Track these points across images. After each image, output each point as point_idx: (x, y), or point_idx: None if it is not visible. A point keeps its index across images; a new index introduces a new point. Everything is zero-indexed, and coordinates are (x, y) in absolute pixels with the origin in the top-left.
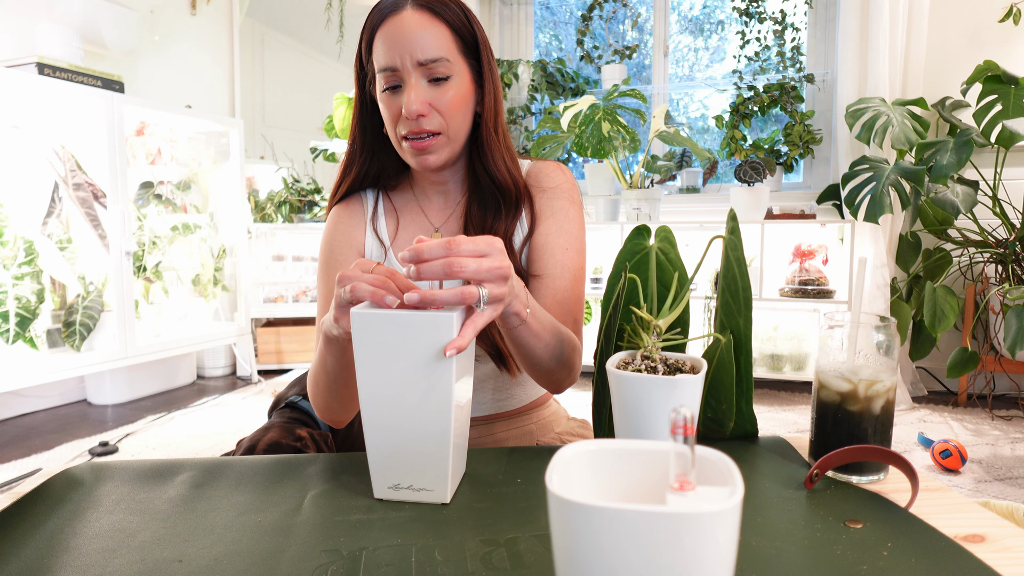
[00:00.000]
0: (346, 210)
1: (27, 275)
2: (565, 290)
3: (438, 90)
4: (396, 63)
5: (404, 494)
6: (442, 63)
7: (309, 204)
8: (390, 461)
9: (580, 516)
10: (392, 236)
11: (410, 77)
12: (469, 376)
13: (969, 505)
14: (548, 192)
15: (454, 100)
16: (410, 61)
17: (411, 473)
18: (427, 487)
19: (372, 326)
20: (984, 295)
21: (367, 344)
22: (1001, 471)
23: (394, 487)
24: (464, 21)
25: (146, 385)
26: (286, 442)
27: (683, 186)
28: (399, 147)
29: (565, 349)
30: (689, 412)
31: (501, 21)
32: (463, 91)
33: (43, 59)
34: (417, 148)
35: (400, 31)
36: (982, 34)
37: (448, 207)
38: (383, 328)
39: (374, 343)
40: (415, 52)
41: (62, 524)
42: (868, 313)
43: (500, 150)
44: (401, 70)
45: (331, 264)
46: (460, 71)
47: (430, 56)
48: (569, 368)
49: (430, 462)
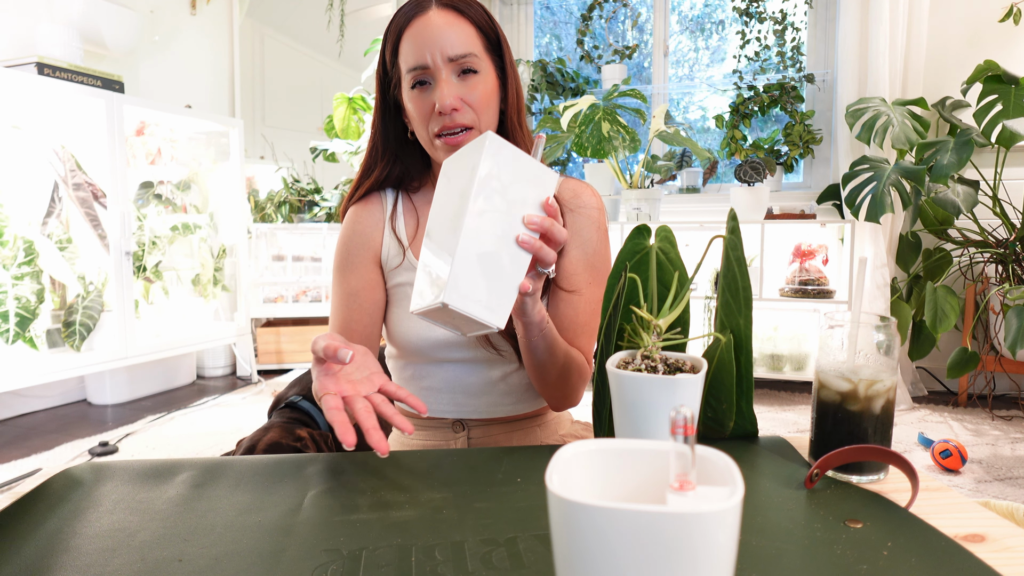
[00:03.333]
0: (364, 210)
1: (27, 275)
2: (585, 324)
3: (468, 85)
4: (427, 60)
5: (472, 306)
6: (470, 58)
7: (309, 204)
8: (473, 273)
9: (580, 516)
10: (411, 236)
11: (441, 73)
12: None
13: (969, 505)
14: (576, 213)
15: (484, 94)
16: (440, 58)
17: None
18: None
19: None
20: (984, 295)
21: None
22: (1001, 471)
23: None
24: (487, 19)
25: (146, 385)
26: (286, 442)
27: (683, 186)
28: (430, 146)
29: (572, 372)
30: (689, 412)
31: (501, 21)
32: (490, 86)
33: (43, 59)
34: (451, 143)
35: (428, 29)
36: (982, 34)
37: None
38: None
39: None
40: (445, 48)
41: (62, 524)
42: (868, 313)
43: (525, 145)
44: (432, 67)
45: (347, 265)
46: (486, 67)
47: (459, 51)
48: (572, 389)
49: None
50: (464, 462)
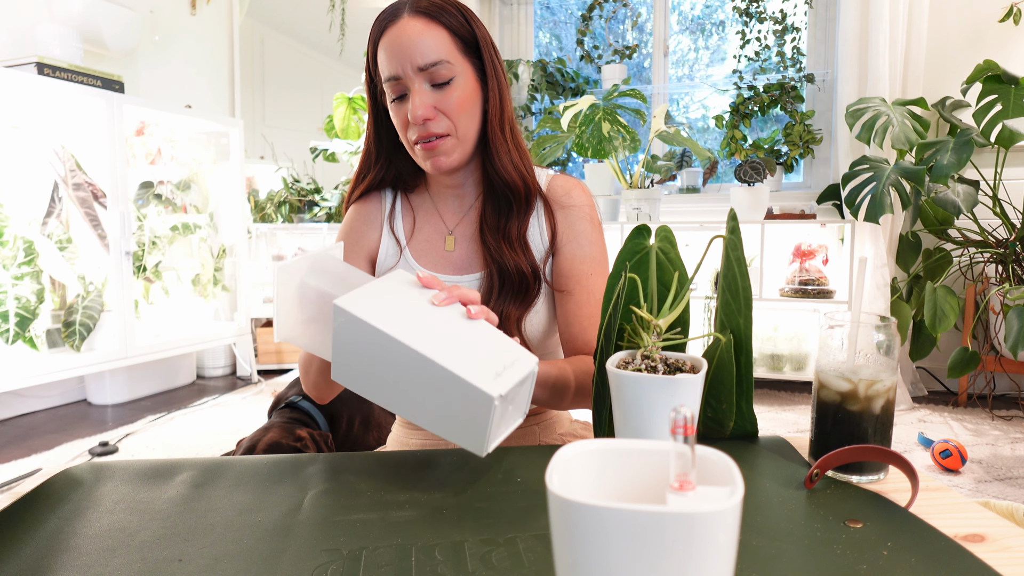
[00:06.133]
0: (363, 209)
1: (27, 275)
2: (591, 316)
3: (442, 93)
4: (398, 71)
5: (508, 374)
6: (443, 65)
7: (309, 204)
8: (473, 362)
9: (580, 516)
10: (408, 235)
11: (413, 83)
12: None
13: (969, 505)
14: (569, 211)
15: (459, 101)
16: (411, 68)
17: (500, 358)
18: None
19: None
20: (984, 295)
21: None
22: (1001, 471)
23: (496, 374)
24: (462, 21)
25: (146, 385)
26: (286, 442)
27: (683, 186)
28: (413, 152)
29: (585, 389)
30: (689, 412)
31: (501, 21)
32: (467, 91)
33: (43, 59)
34: (427, 149)
35: (399, 40)
36: (982, 34)
37: (462, 209)
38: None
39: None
40: (415, 58)
41: (62, 524)
42: (868, 313)
43: (507, 147)
44: (404, 78)
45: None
46: (463, 71)
47: (429, 60)
48: (570, 405)
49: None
50: (464, 462)
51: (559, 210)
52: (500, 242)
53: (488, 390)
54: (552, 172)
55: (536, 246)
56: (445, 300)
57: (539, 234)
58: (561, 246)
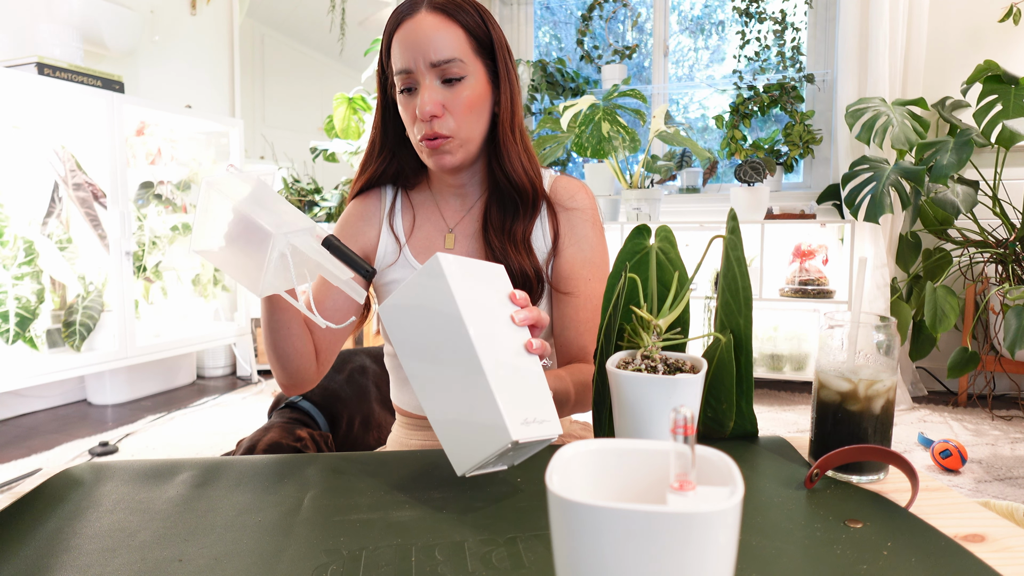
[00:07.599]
0: (361, 207)
1: (27, 275)
2: (587, 321)
3: (451, 91)
4: (411, 65)
5: (533, 429)
6: (455, 63)
7: (309, 204)
8: (513, 396)
9: (580, 516)
10: (408, 233)
11: (424, 78)
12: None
13: (969, 505)
14: (571, 213)
15: (468, 100)
16: (423, 63)
17: (530, 406)
18: (544, 418)
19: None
20: (984, 295)
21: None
22: (1001, 471)
23: (525, 423)
24: (479, 21)
25: (146, 385)
26: (286, 442)
27: (683, 186)
28: (418, 148)
29: (564, 408)
30: (689, 412)
31: (501, 21)
32: (478, 91)
33: (43, 59)
34: (431, 147)
35: (414, 33)
36: (982, 34)
37: (464, 208)
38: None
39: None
40: (428, 54)
41: (62, 524)
42: (868, 313)
43: (517, 150)
44: (415, 72)
45: None
46: (475, 71)
47: (443, 57)
48: (567, 415)
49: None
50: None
51: (562, 212)
52: (505, 243)
53: (511, 429)
54: (555, 173)
55: (539, 248)
56: (524, 320)
57: (542, 236)
58: (563, 248)
